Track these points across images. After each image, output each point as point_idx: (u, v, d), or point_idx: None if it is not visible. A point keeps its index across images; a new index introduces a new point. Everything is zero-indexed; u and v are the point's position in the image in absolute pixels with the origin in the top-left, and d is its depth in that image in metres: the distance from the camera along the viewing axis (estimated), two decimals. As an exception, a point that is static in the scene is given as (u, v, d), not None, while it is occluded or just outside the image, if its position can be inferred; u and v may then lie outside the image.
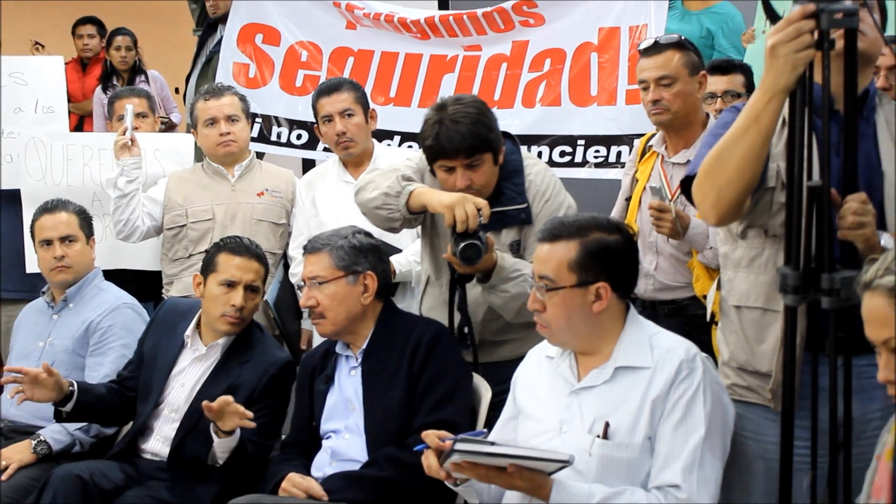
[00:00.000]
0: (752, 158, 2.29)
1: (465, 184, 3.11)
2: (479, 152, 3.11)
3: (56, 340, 3.81)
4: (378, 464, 2.94)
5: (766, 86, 2.21)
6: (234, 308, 3.36)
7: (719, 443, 2.42)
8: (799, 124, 2.16)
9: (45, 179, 4.54)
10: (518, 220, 3.22)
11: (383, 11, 5.20)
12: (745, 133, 2.27)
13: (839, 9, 2.08)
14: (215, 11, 6.29)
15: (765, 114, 2.23)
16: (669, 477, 2.35)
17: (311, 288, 3.09)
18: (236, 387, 3.29)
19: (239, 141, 4.23)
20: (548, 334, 2.56)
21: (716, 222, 2.47)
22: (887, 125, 2.46)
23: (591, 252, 2.48)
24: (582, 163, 4.73)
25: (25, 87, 4.70)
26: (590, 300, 2.48)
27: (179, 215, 4.19)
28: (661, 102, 3.55)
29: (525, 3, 4.95)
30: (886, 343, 1.84)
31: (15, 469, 3.40)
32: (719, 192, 2.35)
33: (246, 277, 3.42)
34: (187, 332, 3.48)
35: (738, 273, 2.54)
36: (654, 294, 3.58)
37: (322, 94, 4.10)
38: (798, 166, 2.15)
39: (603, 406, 2.45)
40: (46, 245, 3.87)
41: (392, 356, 3.05)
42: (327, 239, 3.13)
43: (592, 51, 4.82)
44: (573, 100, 4.85)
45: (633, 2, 4.76)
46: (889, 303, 1.85)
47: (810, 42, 2.10)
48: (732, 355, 2.58)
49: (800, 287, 2.12)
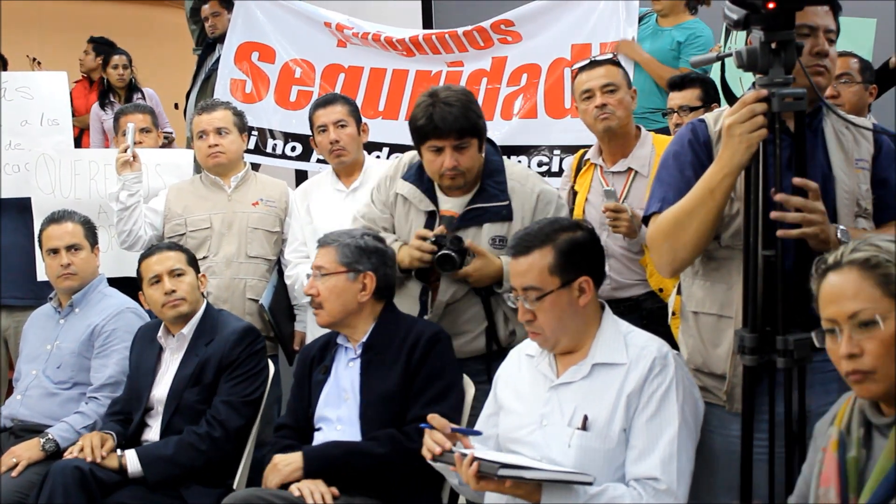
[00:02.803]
0: (708, 227, 2.37)
1: (452, 164, 3.13)
2: (469, 135, 3.14)
3: (63, 343, 3.84)
4: (379, 440, 2.94)
5: (721, 162, 2.30)
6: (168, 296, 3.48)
7: (692, 435, 2.45)
8: (753, 198, 2.25)
9: (54, 193, 4.55)
10: (499, 217, 3.23)
11: (371, 31, 5.24)
12: (702, 205, 2.35)
13: (789, 93, 2.19)
14: (213, 31, 6.34)
15: (719, 189, 2.31)
16: (648, 469, 2.37)
17: (315, 278, 3.13)
18: (205, 363, 3.41)
19: (227, 153, 4.23)
20: (541, 340, 2.57)
21: (670, 276, 2.55)
22: (835, 133, 2.50)
23: (565, 252, 2.52)
24: (558, 172, 4.77)
25: (31, 101, 4.74)
26: (575, 296, 2.52)
27: (179, 224, 4.20)
28: (608, 107, 3.59)
29: (503, 23, 5.00)
30: (854, 316, 1.86)
31: (25, 466, 3.41)
32: (675, 253, 2.43)
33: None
34: (159, 334, 3.57)
35: (695, 281, 2.58)
36: (611, 293, 3.58)
37: (318, 107, 4.14)
38: (753, 237, 2.24)
39: (581, 400, 2.48)
40: (53, 253, 3.90)
41: (391, 350, 3.06)
42: (338, 236, 3.17)
43: (565, 66, 4.85)
44: (548, 112, 4.89)
45: (603, 20, 4.81)
46: (861, 275, 1.88)
47: (763, 123, 2.21)
48: (690, 357, 2.61)
49: (756, 348, 2.21)
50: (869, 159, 2.50)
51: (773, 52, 2.20)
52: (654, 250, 2.50)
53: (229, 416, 3.34)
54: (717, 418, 2.53)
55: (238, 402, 3.37)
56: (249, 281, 4.13)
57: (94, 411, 3.63)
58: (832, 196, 2.42)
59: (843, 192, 2.44)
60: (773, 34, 2.18)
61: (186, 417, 3.37)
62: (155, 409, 3.47)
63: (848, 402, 2.01)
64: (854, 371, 1.86)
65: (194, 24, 6.76)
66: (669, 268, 2.48)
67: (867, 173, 2.49)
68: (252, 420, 3.42)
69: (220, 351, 3.42)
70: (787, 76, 2.22)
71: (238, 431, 3.36)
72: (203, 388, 3.40)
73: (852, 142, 2.51)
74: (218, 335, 3.48)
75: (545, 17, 4.96)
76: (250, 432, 3.42)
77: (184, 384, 3.41)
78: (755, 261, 2.23)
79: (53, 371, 3.80)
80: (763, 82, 2.23)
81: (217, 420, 3.34)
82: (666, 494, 2.35)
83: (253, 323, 3.85)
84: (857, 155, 2.49)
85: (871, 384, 1.86)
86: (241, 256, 4.15)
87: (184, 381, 3.42)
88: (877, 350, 1.85)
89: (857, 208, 2.45)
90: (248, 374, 3.42)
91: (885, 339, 1.85)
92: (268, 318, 4.07)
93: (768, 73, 2.22)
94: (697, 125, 2.54)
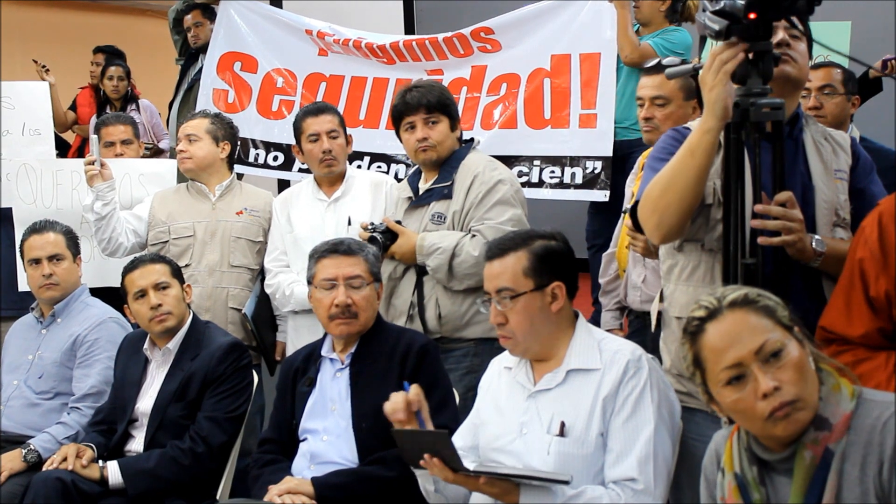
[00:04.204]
0: (691, 187, 2.32)
1: (421, 135, 3.49)
2: (437, 111, 3.51)
3: (45, 353, 3.80)
4: (386, 462, 2.89)
5: (702, 122, 2.27)
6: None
7: (669, 436, 2.44)
8: (734, 207, 2.24)
9: (35, 203, 4.51)
10: (442, 195, 3.49)
11: (352, 38, 5.22)
12: (683, 166, 2.31)
13: (767, 103, 2.20)
14: (196, 42, 6.31)
15: (699, 148, 2.28)
16: (625, 471, 2.37)
17: (348, 288, 3.04)
18: (189, 378, 3.38)
19: (194, 158, 4.19)
20: (511, 345, 2.57)
21: (660, 241, 2.49)
22: (814, 144, 2.50)
23: (540, 257, 2.54)
24: (538, 183, 4.77)
25: (13, 111, 4.71)
26: (548, 301, 2.52)
27: (162, 232, 4.17)
28: (652, 121, 3.56)
29: (482, 30, 4.99)
30: (760, 351, 1.83)
31: (6, 477, 3.37)
32: (661, 215, 2.38)
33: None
34: (145, 345, 3.53)
35: (678, 286, 2.56)
36: (641, 305, 3.55)
37: (309, 115, 4.08)
38: (734, 245, 2.24)
39: (558, 407, 2.47)
40: (35, 264, 3.86)
41: (379, 361, 3.02)
42: (354, 244, 3.15)
43: (545, 76, 4.86)
44: (528, 122, 4.89)
45: (583, 30, 4.81)
46: (746, 312, 1.87)
47: (729, 58, 2.18)
48: (673, 363, 2.60)
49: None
50: (847, 170, 2.50)
51: (750, 62, 2.20)
52: (642, 217, 2.46)
53: (212, 432, 3.31)
54: (698, 426, 2.52)
55: (222, 417, 3.34)
56: (232, 290, 4.09)
57: (76, 421, 3.60)
58: (812, 205, 2.42)
59: (823, 202, 2.44)
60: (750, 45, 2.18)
61: (170, 432, 3.33)
62: (139, 420, 3.43)
63: (730, 442, 1.99)
64: (780, 406, 1.82)
65: (177, 35, 6.73)
66: (658, 232, 2.42)
67: (845, 184, 2.48)
68: (235, 436, 3.38)
69: (205, 366, 3.38)
70: (765, 86, 2.22)
71: (221, 447, 3.33)
72: (187, 403, 3.37)
73: (831, 153, 2.51)
74: (203, 350, 3.44)
75: (525, 26, 4.95)
76: (233, 447, 3.38)
77: (168, 399, 3.38)
78: (735, 269, 2.23)
79: (35, 381, 3.76)
80: (740, 93, 2.23)
81: (200, 436, 3.30)
82: (644, 494, 2.35)
83: (235, 332, 3.82)
84: (835, 165, 2.50)
85: (799, 413, 1.83)
86: (224, 265, 4.11)
87: (168, 396, 3.38)
88: (793, 377, 1.83)
89: (835, 218, 2.44)
90: (233, 390, 3.39)
91: (795, 364, 1.84)
92: (250, 327, 4.03)
93: (746, 84, 2.22)
94: (682, 130, 2.53)
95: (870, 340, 2.16)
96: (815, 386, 1.86)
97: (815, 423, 1.85)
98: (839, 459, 1.82)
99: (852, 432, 1.83)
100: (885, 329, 2.15)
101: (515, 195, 3.48)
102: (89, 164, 4.12)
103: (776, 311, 1.88)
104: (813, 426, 1.85)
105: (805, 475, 1.84)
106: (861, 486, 1.80)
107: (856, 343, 2.17)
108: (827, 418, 1.85)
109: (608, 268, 3.85)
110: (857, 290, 2.17)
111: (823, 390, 1.87)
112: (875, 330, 2.15)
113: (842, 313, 2.20)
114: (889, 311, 2.13)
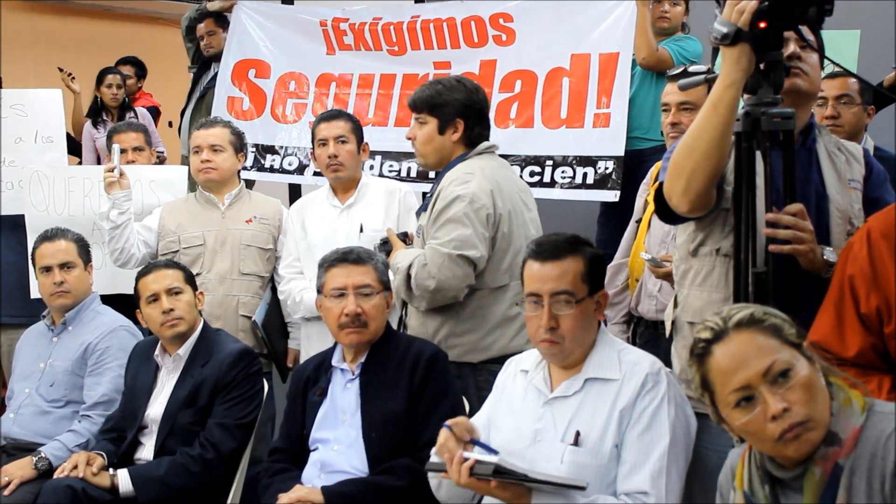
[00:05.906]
0: (716, 145, 2.26)
1: (409, 134, 3.38)
2: (419, 111, 3.33)
3: (56, 361, 3.78)
4: (396, 472, 2.87)
5: (721, 76, 2.23)
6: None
7: (683, 452, 2.41)
8: (745, 216, 2.21)
9: (48, 210, 4.51)
10: (424, 207, 3.35)
11: (367, 20, 5.17)
12: (708, 122, 2.26)
13: (777, 113, 2.19)
14: (209, 50, 6.32)
15: (721, 103, 2.23)
16: (638, 484, 2.34)
17: (357, 297, 3.02)
18: (200, 385, 3.36)
19: (219, 170, 4.17)
20: (556, 350, 2.49)
21: (687, 209, 2.40)
22: (828, 154, 2.48)
23: (592, 263, 2.52)
24: (550, 183, 4.70)
25: (26, 119, 4.72)
26: (594, 309, 2.50)
27: (173, 241, 4.16)
28: (679, 126, 3.49)
29: (502, 16, 4.91)
30: (768, 372, 1.80)
31: (17, 485, 3.36)
32: (688, 179, 2.32)
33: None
34: (156, 352, 3.52)
35: (692, 290, 2.53)
36: (655, 315, 3.50)
37: (322, 121, 4.08)
38: (744, 253, 2.22)
39: (574, 415, 2.44)
40: (46, 271, 3.86)
41: (389, 370, 3.00)
42: (364, 253, 3.11)
43: (564, 76, 4.78)
44: (545, 122, 4.81)
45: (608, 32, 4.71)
46: (753, 332, 1.84)
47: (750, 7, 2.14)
48: (684, 369, 2.55)
49: None
50: (860, 180, 2.49)
51: (761, 72, 2.18)
52: (669, 184, 2.40)
53: (223, 439, 3.29)
54: (709, 434, 2.48)
55: (232, 424, 3.32)
56: (242, 298, 4.08)
57: (87, 429, 3.58)
58: (826, 214, 2.40)
59: (837, 211, 2.42)
60: (762, 55, 2.15)
61: (180, 439, 3.32)
62: (149, 427, 3.42)
63: (743, 458, 1.96)
64: (790, 427, 1.79)
65: (189, 43, 6.73)
66: (685, 198, 2.35)
67: (859, 193, 2.46)
68: (245, 443, 3.36)
69: (215, 373, 3.37)
70: (776, 96, 2.20)
71: (231, 454, 3.31)
72: (197, 410, 3.35)
73: (844, 163, 2.49)
74: (214, 356, 3.42)
75: (545, 17, 4.85)
76: (243, 454, 3.36)
77: (178, 406, 3.36)
78: (746, 277, 2.19)
79: (46, 389, 3.75)
80: (751, 102, 2.21)
81: (210, 442, 3.28)
82: None
83: (246, 340, 3.81)
84: (849, 175, 2.48)
85: (811, 434, 1.80)
86: (235, 273, 4.10)
87: (178, 402, 3.37)
88: (802, 397, 1.80)
89: (849, 227, 2.42)
90: (243, 396, 3.37)
91: (804, 384, 1.81)
92: (261, 334, 4.02)
93: (757, 94, 2.20)
94: None
95: (863, 359, 2.12)
96: (825, 403, 1.83)
97: (827, 439, 1.82)
98: (847, 474, 1.80)
99: (860, 446, 1.81)
100: (877, 346, 2.11)
101: (474, 214, 3.15)
102: (109, 171, 4.12)
103: (783, 330, 1.85)
104: (824, 443, 1.82)
105: (815, 492, 1.81)
106: (868, 499, 1.77)
107: (849, 364, 2.13)
108: (837, 433, 1.82)
109: (615, 279, 3.77)
110: (849, 306, 2.14)
111: (834, 405, 1.84)
112: (868, 346, 2.12)
113: (834, 331, 2.16)
114: (880, 329, 2.10)
